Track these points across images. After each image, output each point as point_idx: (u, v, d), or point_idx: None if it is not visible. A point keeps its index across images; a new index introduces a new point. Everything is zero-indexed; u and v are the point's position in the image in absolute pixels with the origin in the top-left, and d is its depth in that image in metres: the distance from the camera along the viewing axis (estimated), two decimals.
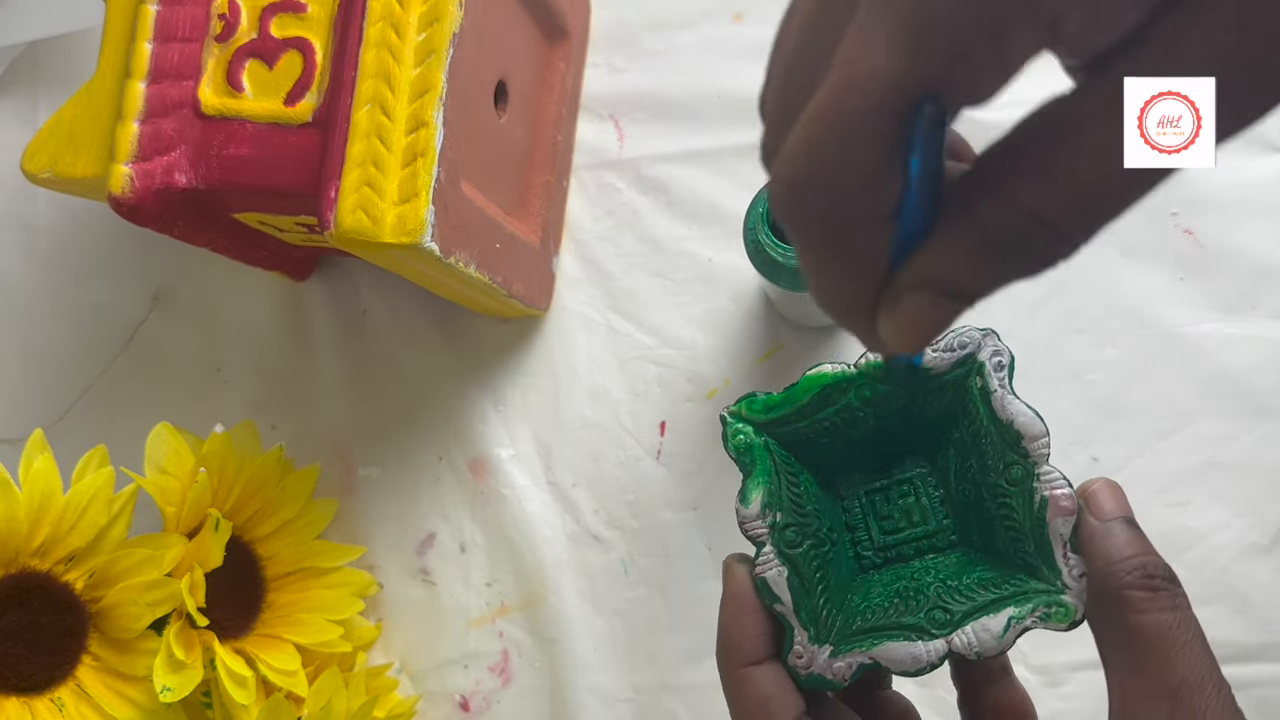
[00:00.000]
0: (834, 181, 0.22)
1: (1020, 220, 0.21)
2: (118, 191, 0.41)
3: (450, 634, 0.52)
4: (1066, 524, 0.31)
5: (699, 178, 0.52)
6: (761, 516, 0.32)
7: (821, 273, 0.24)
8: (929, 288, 0.23)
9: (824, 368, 0.33)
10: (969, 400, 0.33)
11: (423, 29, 0.40)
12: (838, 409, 0.33)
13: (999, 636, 0.30)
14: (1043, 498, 0.31)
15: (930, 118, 0.21)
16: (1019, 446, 0.32)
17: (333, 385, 0.54)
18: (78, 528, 0.43)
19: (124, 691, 0.43)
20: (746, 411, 0.33)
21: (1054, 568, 0.31)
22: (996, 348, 0.33)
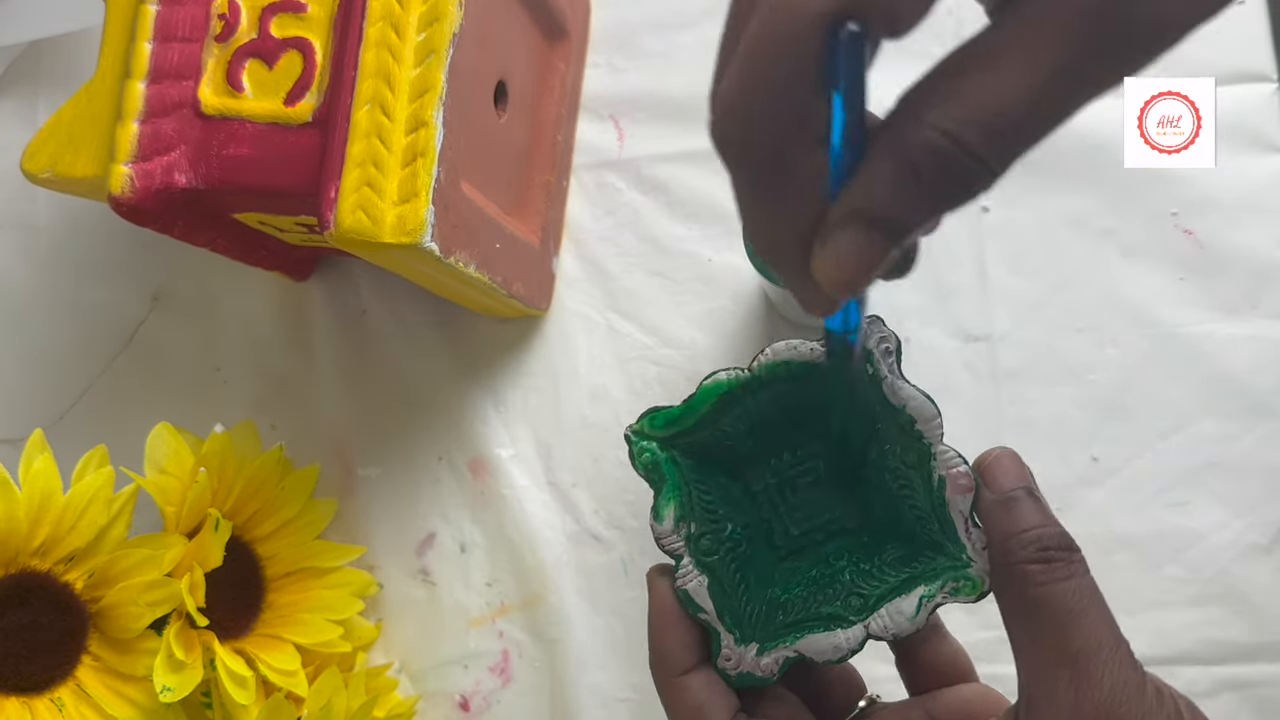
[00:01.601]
0: (764, 109, 0.23)
1: (936, 141, 0.22)
2: (118, 191, 0.41)
3: (450, 634, 0.52)
4: (965, 500, 0.32)
5: (699, 178, 0.52)
6: (676, 530, 0.33)
7: (757, 210, 0.25)
8: (858, 220, 0.24)
9: (719, 375, 0.33)
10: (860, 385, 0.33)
11: (422, 29, 0.40)
12: (738, 414, 0.34)
13: (912, 617, 0.31)
14: (940, 477, 0.32)
15: (850, 41, 0.22)
16: (913, 429, 0.32)
17: (333, 385, 0.54)
18: (78, 528, 0.43)
19: (124, 691, 0.43)
20: (649, 428, 0.34)
21: (958, 543, 0.32)
22: (883, 334, 0.33)
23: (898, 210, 0.23)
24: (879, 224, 0.23)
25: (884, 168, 0.23)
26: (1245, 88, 0.47)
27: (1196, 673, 0.47)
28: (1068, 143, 0.49)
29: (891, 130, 0.23)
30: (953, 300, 0.50)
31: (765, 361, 0.33)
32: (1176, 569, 0.47)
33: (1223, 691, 0.46)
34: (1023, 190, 0.49)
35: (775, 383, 0.33)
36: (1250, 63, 0.48)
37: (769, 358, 0.33)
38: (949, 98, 0.22)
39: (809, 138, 0.24)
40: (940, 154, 0.22)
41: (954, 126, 0.22)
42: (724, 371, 0.33)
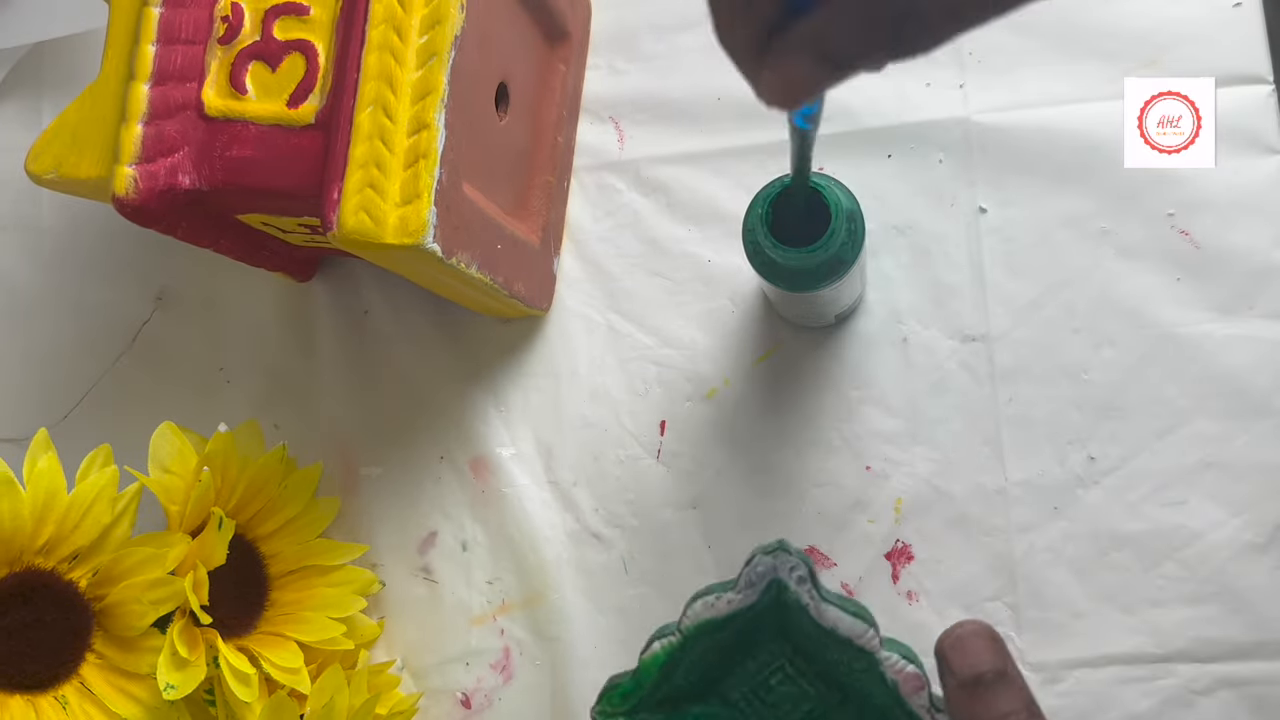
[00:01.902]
0: None
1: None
2: (121, 193, 0.41)
3: (452, 632, 0.52)
4: (922, 695, 0.33)
5: (699, 179, 0.53)
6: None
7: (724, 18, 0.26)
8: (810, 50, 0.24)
9: (654, 647, 0.35)
10: (790, 615, 0.35)
11: (424, 31, 0.40)
12: (685, 668, 0.35)
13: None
14: (892, 679, 0.34)
15: None
16: (854, 645, 0.34)
17: (335, 385, 0.55)
18: (82, 526, 0.43)
19: (128, 689, 0.43)
20: (611, 707, 0.35)
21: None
22: (791, 564, 0.34)
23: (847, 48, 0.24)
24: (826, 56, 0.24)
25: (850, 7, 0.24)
26: (1241, 90, 0.47)
27: (1193, 670, 0.47)
28: (1065, 144, 0.49)
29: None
30: (950, 300, 0.50)
31: (691, 624, 0.35)
32: (1173, 567, 0.48)
33: (1219, 689, 0.47)
34: (1020, 191, 0.50)
35: (706, 636, 0.35)
36: (1246, 65, 0.48)
37: (692, 620, 0.35)
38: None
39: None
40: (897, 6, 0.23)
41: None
42: (657, 642, 0.35)
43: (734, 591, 0.34)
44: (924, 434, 0.50)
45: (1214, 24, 0.48)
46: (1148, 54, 0.48)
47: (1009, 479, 0.49)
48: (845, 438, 0.50)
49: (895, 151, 0.51)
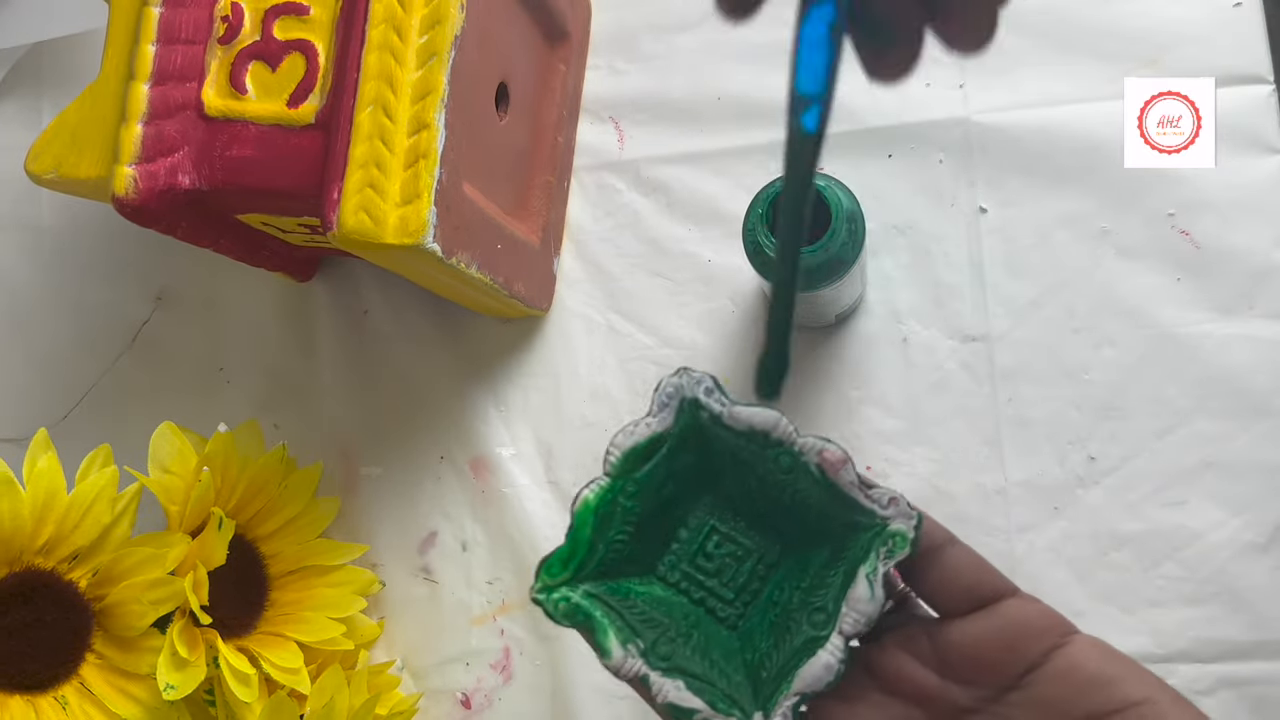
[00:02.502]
0: None
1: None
2: (121, 193, 0.41)
3: (452, 632, 0.52)
4: (848, 470, 0.32)
5: (699, 179, 0.53)
6: (628, 654, 0.33)
7: None
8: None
9: (584, 494, 0.34)
10: (707, 433, 0.34)
11: (424, 31, 0.40)
12: (619, 520, 0.34)
13: (869, 598, 0.32)
14: (816, 465, 0.33)
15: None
16: (769, 440, 0.33)
17: (335, 385, 0.55)
18: (81, 526, 0.43)
19: (128, 689, 0.43)
20: (550, 578, 0.34)
21: (865, 510, 0.32)
22: (697, 377, 0.34)
23: None
24: None
25: None
26: (1241, 89, 0.47)
27: (1194, 671, 0.47)
28: (1065, 144, 0.49)
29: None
30: (950, 300, 0.50)
31: (616, 458, 0.34)
32: (1174, 568, 0.47)
33: (1220, 689, 0.47)
34: (1020, 191, 0.50)
35: (633, 470, 0.34)
36: (1246, 65, 0.48)
37: (616, 452, 0.34)
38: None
39: None
40: None
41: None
42: (586, 489, 0.34)
43: (649, 415, 0.34)
44: (924, 434, 0.49)
45: (1214, 24, 0.48)
46: (1148, 54, 0.48)
47: (1009, 479, 0.49)
48: (845, 438, 0.50)
49: (895, 151, 0.51)
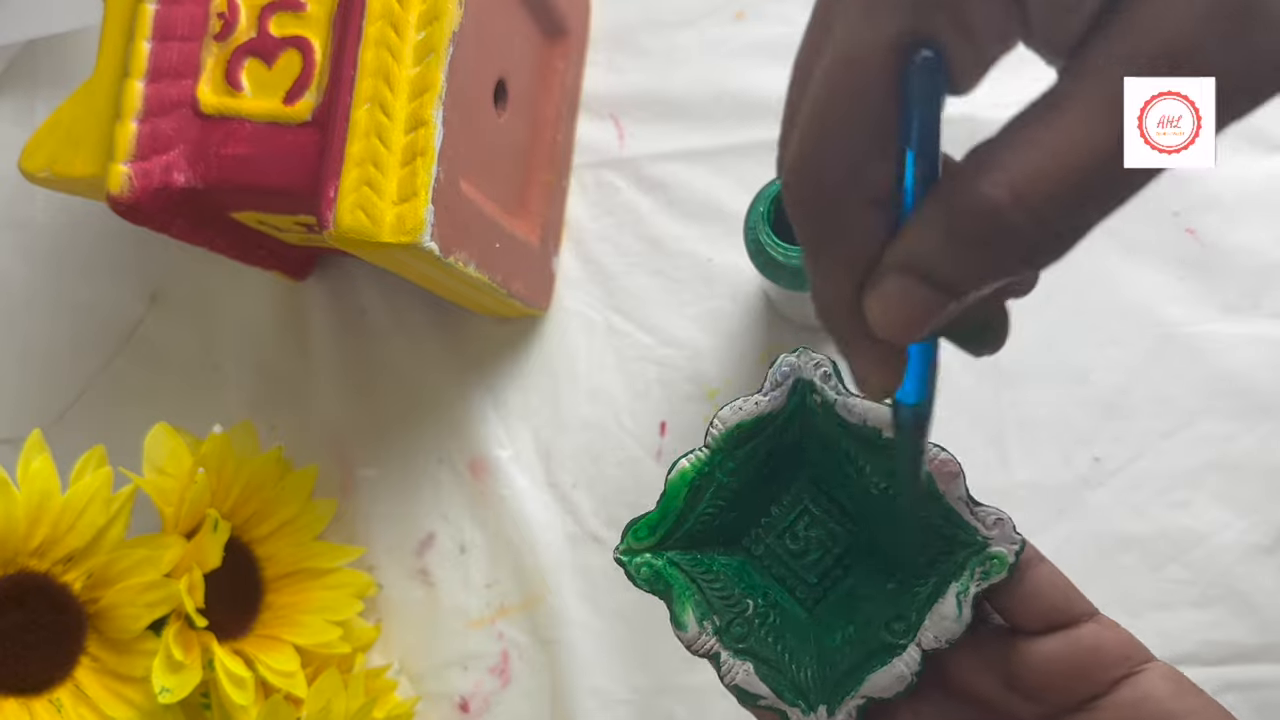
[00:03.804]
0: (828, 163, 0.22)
1: (992, 199, 0.21)
2: (116, 191, 0.41)
3: (450, 635, 0.52)
4: (958, 484, 0.31)
5: (699, 177, 0.52)
6: (702, 630, 0.32)
7: (817, 264, 0.24)
8: (909, 271, 0.22)
9: (682, 464, 0.33)
10: (815, 418, 0.33)
11: (422, 27, 0.40)
12: (712, 493, 0.33)
13: (956, 617, 0.31)
14: (927, 472, 0.31)
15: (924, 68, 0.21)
16: (881, 439, 0.32)
17: (332, 385, 0.54)
18: (76, 528, 0.43)
19: (122, 692, 0.43)
20: (635, 542, 0.33)
21: (968, 528, 0.31)
22: (816, 360, 0.33)
23: (946, 266, 0.22)
24: (927, 276, 0.22)
25: (937, 219, 0.21)
26: None
27: (1199, 674, 0.46)
28: None
29: (951, 180, 0.21)
30: None
31: (720, 432, 0.33)
32: (1179, 570, 0.47)
33: (1226, 693, 0.46)
34: None
35: (736, 447, 0.33)
36: None
37: (721, 427, 0.33)
38: (1010, 151, 0.20)
39: (873, 196, 0.22)
40: (996, 214, 0.20)
41: (1010, 182, 0.20)
42: (684, 459, 0.33)
43: (760, 394, 0.33)
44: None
45: None
46: None
47: (1013, 480, 0.48)
48: None
49: None
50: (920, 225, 0.22)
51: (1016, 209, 0.20)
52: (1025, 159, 0.20)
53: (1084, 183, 0.20)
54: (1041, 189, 0.20)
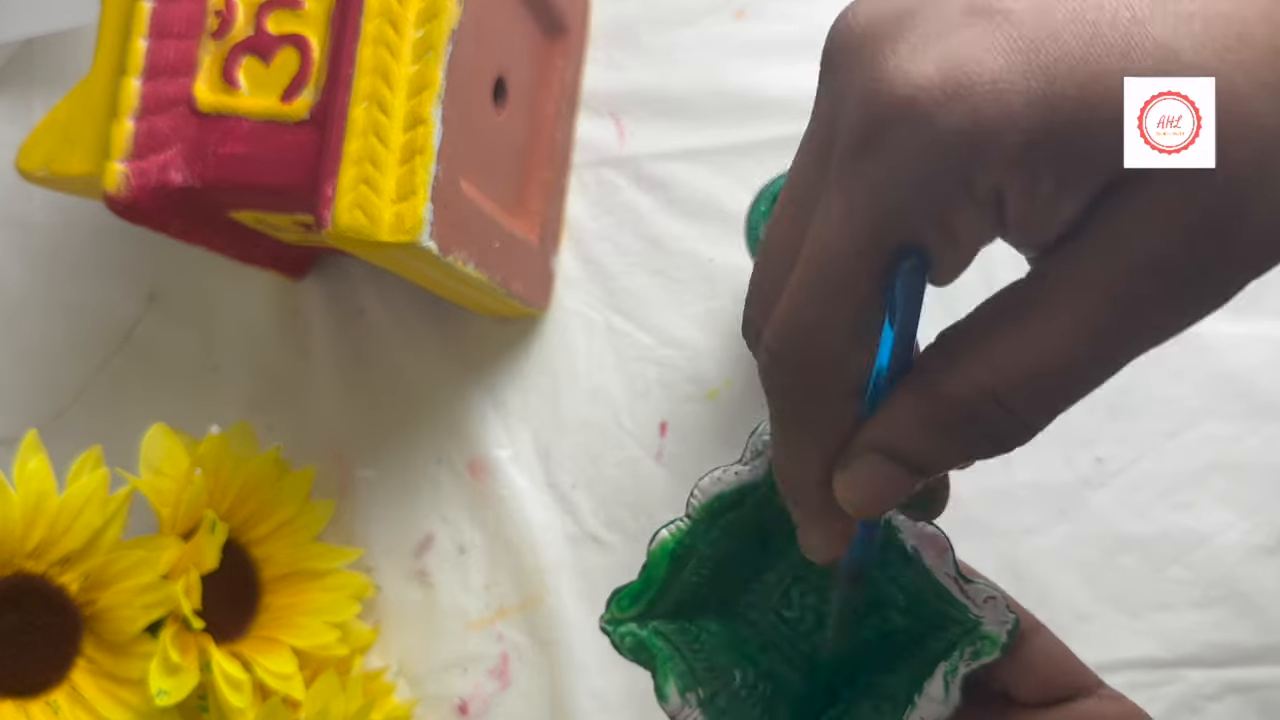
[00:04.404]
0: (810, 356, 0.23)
1: (969, 396, 0.22)
2: (113, 190, 0.41)
3: (448, 637, 0.52)
4: (946, 560, 0.31)
5: (700, 176, 0.52)
6: (685, 703, 0.32)
7: (789, 446, 0.25)
8: (879, 451, 0.23)
9: (662, 535, 0.33)
10: None
11: (420, 25, 0.40)
12: (696, 562, 0.33)
13: (944, 699, 0.30)
14: (913, 546, 0.31)
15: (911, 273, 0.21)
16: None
17: (330, 385, 0.54)
18: (72, 529, 0.43)
19: (119, 695, 0.43)
20: (619, 612, 0.33)
21: (959, 605, 0.31)
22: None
23: (920, 451, 0.23)
24: (900, 459, 0.23)
25: (911, 407, 0.23)
26: None
27: (1202, 676, 0.46)
28: None
29: (925, 372, 0.23)
30: (958, 300, 0.49)
31: (699, 502, 0.33)
32: (1181, 571, 0.47)
33: (1228, 695, 0.46)
34: None
35: (718, 518, 0.33)
36: None
37: (700, 497, 0.33)
38: (988, 349, 0.22)
39: (849, 389, 0.23)
40: (973, 409, 0.22)
41: (991, 383, 0.22)
42: (664, 529, 0.33)
43: (740, 463, 0.32)
44: None
45: None
46: None
47: (1015, 480, 0.48)
48: None
49: None
50: (894, 413, 0.23)
51: (989, 406, 0.22)
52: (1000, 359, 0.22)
53: (1057, 384, 0.22)
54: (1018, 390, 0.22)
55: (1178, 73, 0.20)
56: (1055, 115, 0.20)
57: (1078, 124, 0.20)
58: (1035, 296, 0.22)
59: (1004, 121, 0.20)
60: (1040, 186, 0.21)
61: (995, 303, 0.23)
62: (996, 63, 0.20)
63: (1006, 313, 0.22)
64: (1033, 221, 0.21)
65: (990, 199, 0.21)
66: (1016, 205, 0.21)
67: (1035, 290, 0.22)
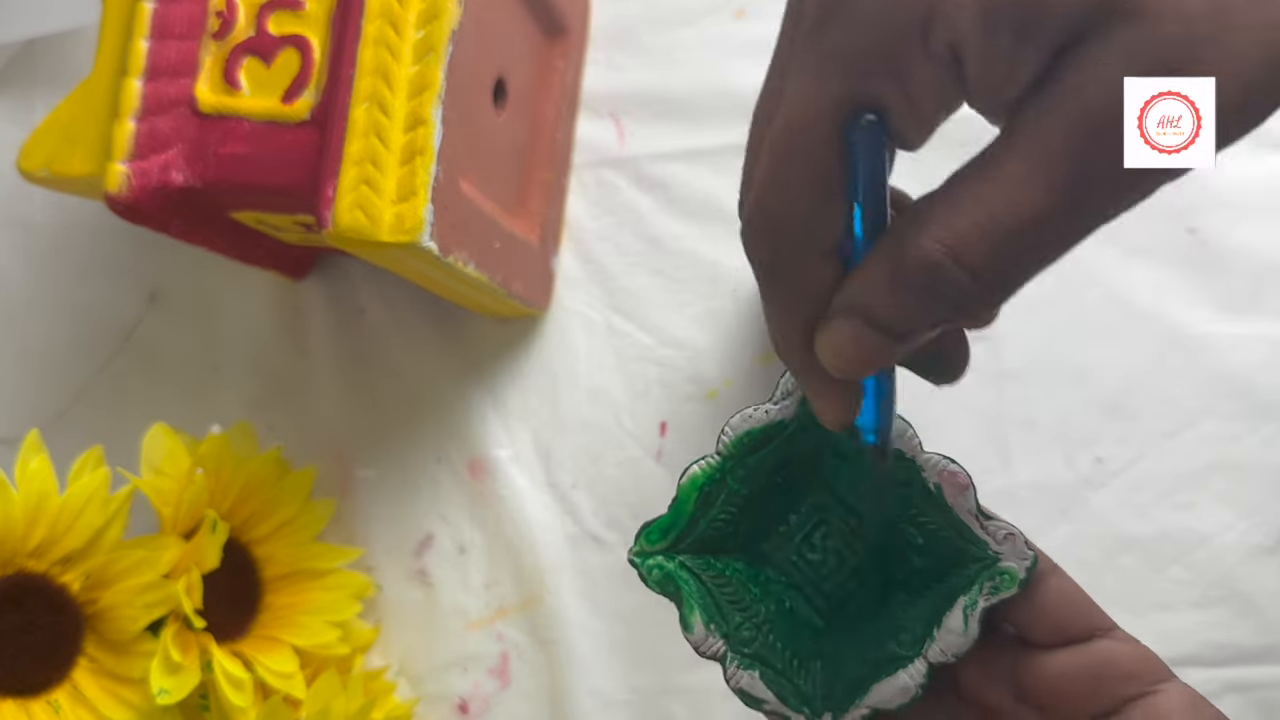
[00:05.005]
0: (780, 220, 0.24)
1: (929, 253, 0.22)
2: (114, 190, 0.41)
3: (449, 636, 0.52)
4: (968, 497, 0.31)
5: (700, 176, 0.52)
6: (710, 633, 0.33)
7: (774, 311, 0.26)
8: (853, 314, 0.24)
9: (693, 469, 0.33)
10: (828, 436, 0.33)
11: (421, 26, 0.40)
12: (725, 498, 0.34)
13: (963, 631, 0.31)
14: (935, 484, 0.32)
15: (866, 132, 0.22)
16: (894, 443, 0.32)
17: (330, 385, 0.54)
18: (74, 529, 0.43)
19: (120, 694, 0.43)
20: (648, 544, 0.34)
21: (979, 542, 0.31)
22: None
23: (889, 313, 0.23)
24: (870, 321, 0.23)
25: (881, 269, 0.23)
26: None
27: (1202, 675, 0.46)
28: None
29: (895, 234, 0.23)
30: None
31: (729, 439, 0.33)
32: (1181, 571, 0.47)
33: (1228, 694, 0.46)
34: None
35: (747, 455, 0.33)
36: None
37: (730, 434, 0.33)
38: (949, 208, 0.22)
39: (819, 246, 0.24)
40: (933, 267, 0.22)
41: (948, 239, 0.22)
42: (695, 465, 0.34)
43: (771, 402, 0.33)
44: (929, 435, 0.49)
45: None
46: None
47: (1015, 480, 0.48)
48: None
49: None
50: (865, 273, 0.23)
51: (954, 265, 0.22)
52: (962, 216, 0.22)
53: (1017, 241, 0.22)
54: (977, 247, 0.22)
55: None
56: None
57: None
58: (996, 156, 0.22)
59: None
60: (997, 41, 0.21)
61: (963, 168, 0.23)
62: None
63: (971, 174, 0.22)
64: (992, 81, 0.21)
65: (946, 56, 0.21)
66: (974, 63, 0.21)
67: (996, 150, 0.22)
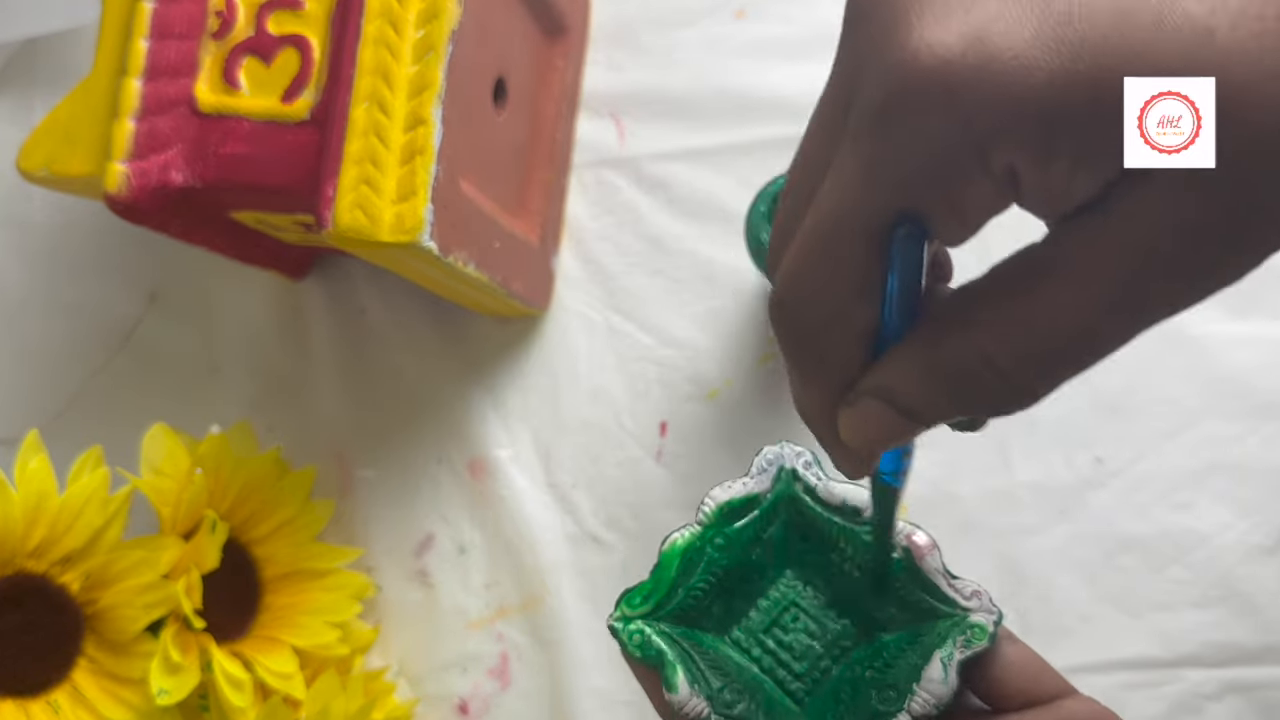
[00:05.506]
0: (811, 303, 0.24)
1: (973, 361, 0.22)
2: (114, 190, 0.41)
3: (449, 636, 0.52)
4: (936, 557, 0.33)
5: (700, 176, 0.52)
6: (694, 693, 0.33)
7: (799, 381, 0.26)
8: (880, 396, 0.24)
9: (675, 537, 0.34)
10: (803, 506, 0.34)
11: (421, 25, 0.40)
12: (703, 567, 0.35)
13: (944, 680, 0.32)
14: (904, 549, 0.33)
15: (906, 240, 0.22)
16: (859, 518, 0.34)
17: (330, 385, 0.54)
18: (73, 529, 0.43)
19: (120, 694, 0.43)
20: (629, 610, 0.35)
21: (948, 600, 0.33)
22: (798, 450, 0.35)
23: (919, 404, 0.23)
24: (896, 406, 0.24)
25: (915, 361, 0.23)
26: None
27: (1201, 676, 0.46)
28: None
29: (934, 324, 0.23)
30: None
31: (710, 509, 0.35)
32: (1181, 571, 0.47)
33: (1228, 694, 0.46)
34: None
35: (725, 524, 0.35)
36: None
37: (711, 504, 0.35)
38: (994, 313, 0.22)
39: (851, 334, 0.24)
40: (974, 373, 0.22)
41: (990, 347, 0.22)
42: (677, 532, 0.34)
43: (747, 477, 0.35)
44: (930, 436, 0.49)
45: None
46: None
47: (1015, 480, 0.48)
48: None
49: None
50: (898, 362, 0.23)
51: (991, 371, 0.22)
52: (1006, 327, 0.22)
53: (1061, 357, 0.22)
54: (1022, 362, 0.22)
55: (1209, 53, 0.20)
56: (1076, 95, 0.20)
57: (1098, 105, 0.20)
58: (1049, 264, 0.21)
59: (1024, 100, 0.20)
60: (1056, 165, 0.20)
61: (1010, 265, 0.22)
62: (1023, 34, 0.20)
63: (1015, 278, 0.22)
64: (1048, 196, 0.21)
65: (1004, 174, 0.21)
66: (1030, 180, 0.21)
67: (1049, 257, 0.22)
